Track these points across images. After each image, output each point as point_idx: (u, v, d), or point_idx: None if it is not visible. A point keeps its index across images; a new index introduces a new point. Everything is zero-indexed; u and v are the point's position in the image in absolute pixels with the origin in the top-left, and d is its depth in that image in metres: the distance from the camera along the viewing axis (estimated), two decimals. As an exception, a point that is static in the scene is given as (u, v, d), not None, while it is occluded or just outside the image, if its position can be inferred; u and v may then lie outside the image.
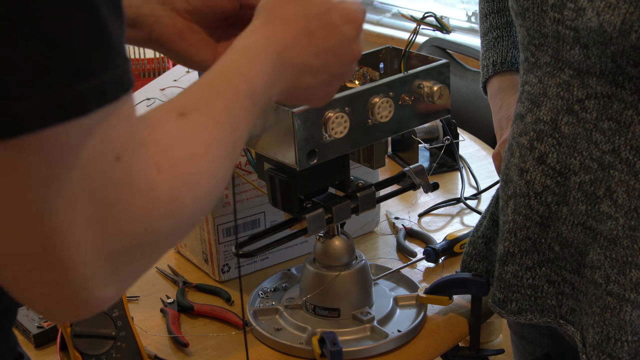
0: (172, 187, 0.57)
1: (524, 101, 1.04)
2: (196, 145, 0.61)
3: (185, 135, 0.60)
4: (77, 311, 0.56)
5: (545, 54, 0.99)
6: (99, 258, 0.53)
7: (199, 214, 0.61)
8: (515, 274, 1.07)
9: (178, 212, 0.58)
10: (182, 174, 0.58)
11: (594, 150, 0.96)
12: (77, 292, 0.53)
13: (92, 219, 0.52)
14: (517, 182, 1.04)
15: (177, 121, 0.61)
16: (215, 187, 0.62)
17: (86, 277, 0.53)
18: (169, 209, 0.57)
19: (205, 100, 0.64)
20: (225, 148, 0.63)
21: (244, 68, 0.68)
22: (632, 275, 0.96)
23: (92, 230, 0.52)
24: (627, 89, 0.92)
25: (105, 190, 0.52)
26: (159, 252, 0.60)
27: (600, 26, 0.88)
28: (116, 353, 1.01)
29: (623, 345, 0.97)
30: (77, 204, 0.51)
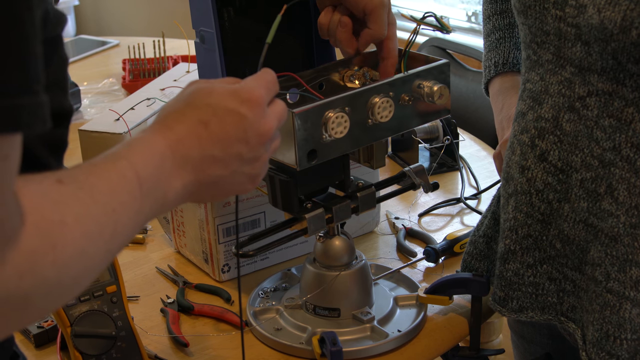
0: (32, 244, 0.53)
1: (526, 99, 1.04)
2: (67, 213, 0.57)
3: (58, 200, 0.57)
4: None
5: (547, 52, 0.99)
6: None
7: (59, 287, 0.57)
8: (516, 272, 1.07)
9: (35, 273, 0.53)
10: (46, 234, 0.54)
11: (595, 148, 0.96)
12: None
13: None
14: (519, 180, 1.04)
15: (53, 185, 0.57)
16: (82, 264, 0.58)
17: None
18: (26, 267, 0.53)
19: (86, 176, 0.61)
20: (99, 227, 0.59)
21: (133, 157, 0.66)
22: (633, 273, 0.96)
23: None
24: (628, 86, 0.92)
25: None
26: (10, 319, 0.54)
27: (601, 23, 0.88)
28: (116, 353, 1.01)
29: (622, 343, 0.97)
30: None
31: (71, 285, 0.58)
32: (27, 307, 0.55)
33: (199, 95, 0.73)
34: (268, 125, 0.75)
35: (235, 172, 0.74)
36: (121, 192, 0.63)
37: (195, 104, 0.72)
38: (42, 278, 0.54)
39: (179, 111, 0.72)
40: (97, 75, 2.18)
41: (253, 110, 0.74)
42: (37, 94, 0.50)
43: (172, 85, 1.80)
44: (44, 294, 0.55)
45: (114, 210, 0.61)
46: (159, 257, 1.35)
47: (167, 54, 2.16)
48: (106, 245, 0.61)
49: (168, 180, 0.68)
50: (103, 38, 2.55)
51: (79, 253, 0.57)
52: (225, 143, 0.72)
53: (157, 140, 0.69)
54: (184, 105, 0.73)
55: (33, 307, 0.56)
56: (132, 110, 1.64)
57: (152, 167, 0.66)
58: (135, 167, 0.64)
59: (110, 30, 3.26)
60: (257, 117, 0.74)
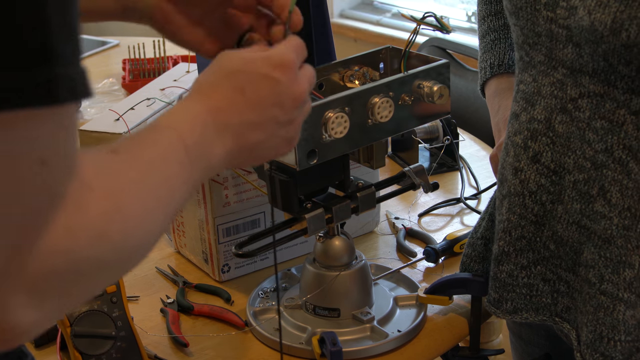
0: (100, 209, 0.54)
1: (519, 100, 1.04)
2: (126, 180, 0.58)
3: (116, 169, 0.58)
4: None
5: (539, 53, 0.99)
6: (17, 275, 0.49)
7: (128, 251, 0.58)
8: (510, 273, 1.07)
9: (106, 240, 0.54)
10: (111, 200, 0.55)
11: (587, 150, 0.96)
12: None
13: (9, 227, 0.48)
14: (512, 182, 1.04)
15: (109, 155, 0.59)
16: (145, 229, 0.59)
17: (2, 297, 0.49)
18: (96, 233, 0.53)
19: (138, 147, 0.63)
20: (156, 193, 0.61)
21: (178, 126, 0.67)
22: (626, 275, 0.96)
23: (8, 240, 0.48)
24: (619, 88, 0.92)
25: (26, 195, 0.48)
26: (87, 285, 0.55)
27: (591, 25, 0.88)
28: (116, 353, 1.01)
29: (616, 344, 0.97)
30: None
31: (137, 249, 0.60)
32: (101, 272, 0.56)
33: (232, 64, 0.75)
34: (301, 88, 0.77)
35: (273, 135, 0.76)
36: (172, 160, 0.65)
37: (229, 72, 0.74)
38: (112, 242, 0.55)
39: (214, 81, 0.74)
40: (97, 75, 2.18)
41: (286, 74, 0.75)
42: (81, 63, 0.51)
43: (172, 85, 1.80)
44: (116, 258, 0.57)
45: (167, 178, 0.63)
46: (158, 257, 1.35)
47: (167, 54, 2.16)
48: (164, 211, 0.63)
49: (211, 147, 0.70)
50: (103, 38, 2.55)
51: (141, 217, 0.59)
52: (262, 108, 0.74)
53: (197, 108, 0.70)
54: (218, 75, 0.74)
55: (106, 271, 0.57)
56: (132, 110, 1.64)
57: (197, 135, 0.68)
58: (181, 136, 0.66)
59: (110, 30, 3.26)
60: (290, 81, 0.76)
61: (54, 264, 0.51)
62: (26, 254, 0.49)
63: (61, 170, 0.50)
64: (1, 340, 0.51)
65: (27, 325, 0.51)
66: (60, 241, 0.51)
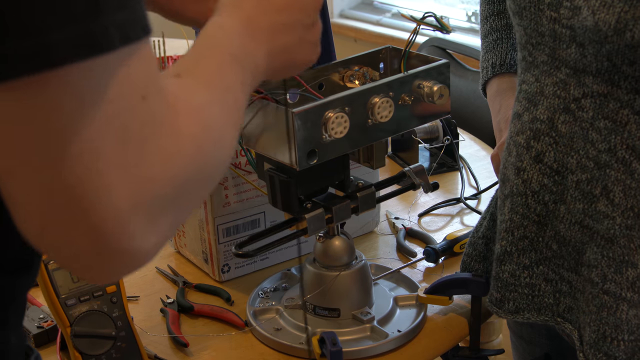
0: (192, 131, 0.58)
1: (521, 100, 1.04)
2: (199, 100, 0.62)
3: (187, 91, 0.62)
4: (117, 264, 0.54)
5: (542, 53, 0.99)
6: (134, 201, 0.52)
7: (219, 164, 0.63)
8: (512, 273, 1.07)
9: (201, 156, 0.59)
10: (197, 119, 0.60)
11: (590, 149, 0.96)
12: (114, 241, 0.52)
13: (124, 159, 0.51)
14: (514, 181, 1.04)
15: (175, 79, 0.63)
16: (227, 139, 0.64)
17: (122, 222, 0.52)
18: (194, 151, 0.57)
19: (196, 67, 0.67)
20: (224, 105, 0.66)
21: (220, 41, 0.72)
22: (629, 274, 0.96)
23: (124, 170, 0.51)
24: (623, 88, 0.92)
25: (133, 129, 0.52)
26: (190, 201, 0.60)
27: (595, 25, 0.88)
28: (116, 353, 1.01)
29: (619, 344, 0.97)
30: (106, 144, 0.51)
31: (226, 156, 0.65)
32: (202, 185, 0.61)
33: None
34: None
35: (301, 39, 0.81)
36: (228, 71, 0.69)
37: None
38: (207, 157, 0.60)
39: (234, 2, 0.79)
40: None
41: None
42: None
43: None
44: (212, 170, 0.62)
45: (228, 88, 0.68)
46: (159, 257, 1.35)
47: (167, 54, 2.16)
48: (233, 119, 0.67)
49: (253, 51, 0.75)
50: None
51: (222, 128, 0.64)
52: (288, 11, 0.80)
53: (231, 21, 0.75)
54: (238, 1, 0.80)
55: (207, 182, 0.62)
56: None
57: (238, 45, 0.73)
58: (227, 50, 0.71)
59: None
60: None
61: (162, 187, 0.54)
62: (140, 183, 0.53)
63: (158, 102, 0.55)
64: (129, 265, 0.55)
65: (149, 247, 0.55)
66: (165, 166, 0.54)
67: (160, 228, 0.56)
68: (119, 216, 0.52)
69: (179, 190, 0.56)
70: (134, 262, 0.55)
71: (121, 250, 0.53)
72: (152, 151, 0.53)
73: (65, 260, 0.54)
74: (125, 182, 0.52)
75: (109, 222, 0.51)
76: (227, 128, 0.65)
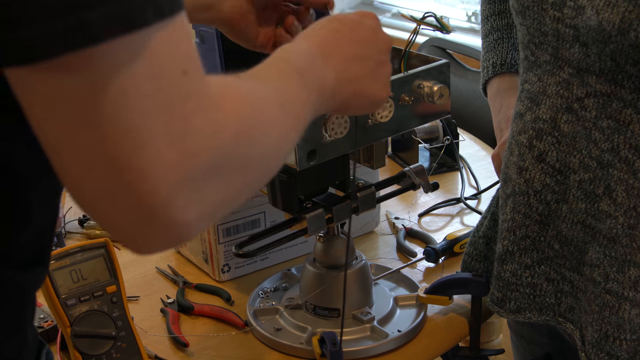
0: (237, 110, 0.59)
1: (524, 100, 1.04)
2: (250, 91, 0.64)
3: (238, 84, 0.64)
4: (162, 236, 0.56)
5: (545, 53, 0.99)
6: (179, 174, 0.54)
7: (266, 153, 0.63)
8: (514, 273, 1.07)
9: (247, 135, 0.60)
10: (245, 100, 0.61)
11: (593, 149, 0.96)
12: (160, 212, 0.54)
13: (169, 133, 0.53)
14: (516, 181, 1.04)
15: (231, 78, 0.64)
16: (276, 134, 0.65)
17: (168, 195, 0.54)
18: (238, 128, 0.58)
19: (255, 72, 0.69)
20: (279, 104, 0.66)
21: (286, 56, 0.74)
22: (631, 274, 0.96)
23: (169, 144, 0.53)
24: (626, 87, 0.92)
25: (177, 103, 0.54)
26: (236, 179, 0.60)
27: (599, 24, 0.88)
28: (116, 353, 1.01)
29: (622, 343, 0.97)
30: (151, 119, 0.52)
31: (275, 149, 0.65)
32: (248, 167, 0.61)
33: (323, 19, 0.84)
34: (388, 36, 0.86)
35: (373, 72, 0.83)
36: (288, 81, 0.71)
37: (323, 22, 0.83)
38: (251, 137, 0.60)
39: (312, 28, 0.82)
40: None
41: (375, 20, 0.86)
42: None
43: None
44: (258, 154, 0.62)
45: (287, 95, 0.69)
46: (159, 257, 1.35)
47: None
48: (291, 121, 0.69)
49: (321, 71, 0.76)
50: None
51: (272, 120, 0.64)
52: (362, 43, 0.82)
53: (304, 44, 0.78)
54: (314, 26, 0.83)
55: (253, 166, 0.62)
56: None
57: (305, 62, 0.75)
58: (292, 64, 0.73)
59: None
60: (379, 27, 0.86)
61: (206, 161, 0.56)
62: (184, 156, 0.54)
63: (199, 77, 0.56)
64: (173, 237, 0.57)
65: (193, 221, 0.56)
66: (209, 139, 0.56)
67: (206, 201, 0.57)
68: (165, 188, 0.53)
69: (224, 163, 0.57)
70: (180, 235, 0.56)
71: (167, 222, 0.55)
72: (196, 125, 0.55)
73: (114, 230, 0.56)
74: (170, 154, 0.53)
75: (155, 194, 0.53)
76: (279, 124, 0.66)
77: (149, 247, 0.58)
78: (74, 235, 1.42)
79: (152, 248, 0.58)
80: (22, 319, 0.68)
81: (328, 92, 0.77)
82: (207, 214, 0.58)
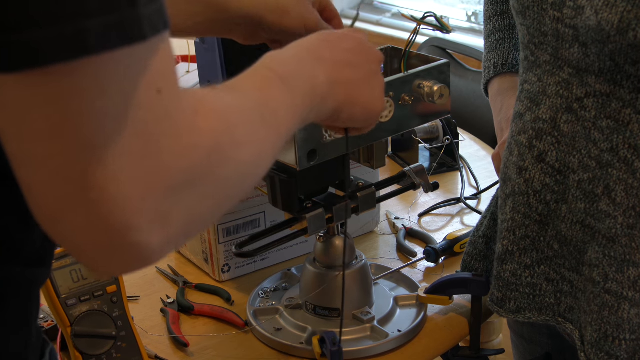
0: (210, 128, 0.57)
1: (523, 100, 1.04)
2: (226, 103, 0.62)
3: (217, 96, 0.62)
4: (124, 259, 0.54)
5: (545, 53, 0.99)
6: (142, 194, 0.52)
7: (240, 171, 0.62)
8: (514, 273, 1.07)
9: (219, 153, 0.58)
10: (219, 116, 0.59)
11: (592, 149, 0.96)
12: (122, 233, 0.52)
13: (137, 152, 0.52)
14: (516, 181, 1.04)
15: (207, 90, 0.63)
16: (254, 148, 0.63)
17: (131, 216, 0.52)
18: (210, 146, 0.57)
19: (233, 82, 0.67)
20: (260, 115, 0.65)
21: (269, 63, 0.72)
22: (630, 274, 0.96)
23: (135, 163, 0.52)
24: (626, 87, 0.92)
25: (150, 123, 0.52)
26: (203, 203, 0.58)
27: (598, 24, 0.88)
28: (116, 353, 1.01)
29: (621, 343, 0.97)
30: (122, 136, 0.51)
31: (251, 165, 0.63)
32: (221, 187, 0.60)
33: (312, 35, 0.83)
34: (379, 52, 0.86)
35: (366, 78, 0.82)
36: (268, 88, 0.69)
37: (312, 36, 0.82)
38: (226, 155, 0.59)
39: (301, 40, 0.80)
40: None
41: (363, 35, 0.85)
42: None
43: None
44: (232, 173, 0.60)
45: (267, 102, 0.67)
46: (159, 257, 1.35)
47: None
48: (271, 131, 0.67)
49: (311, 73, 0.75)
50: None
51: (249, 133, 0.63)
52: (353, 51, 0.82)
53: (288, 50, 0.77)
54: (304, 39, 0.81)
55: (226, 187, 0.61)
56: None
57: (292, 65, 0.74)
58: (276, 72, 0.71)
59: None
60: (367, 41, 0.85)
61: (175, 181, 0.54)
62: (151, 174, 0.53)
63: (174, 96, 0.55)
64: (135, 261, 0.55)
65: (156, 244, 0.54)
66: (179, 160, 0.54)
67: (173, 224, 0.55)
68: (127, 207, 0.52)
69: (191, 185, 0.56)
70: (141, 258, 0.54)
71: (129, 244, 0.53)
72: (167, 145, 0.53)
73: (75, 251, 0.54)
74: (136, 173, 0.52)
75: (117, 213, 0.51)
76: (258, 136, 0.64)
77: (109, 270, 0.57)
78: (74, 235, 1.42)
79: (113, 270, 0.58)
80: (28, 313, 0.68)
81: (319, 93, 0.76)
82: (174, 236, 0.56)
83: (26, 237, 0.64)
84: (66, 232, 0.53)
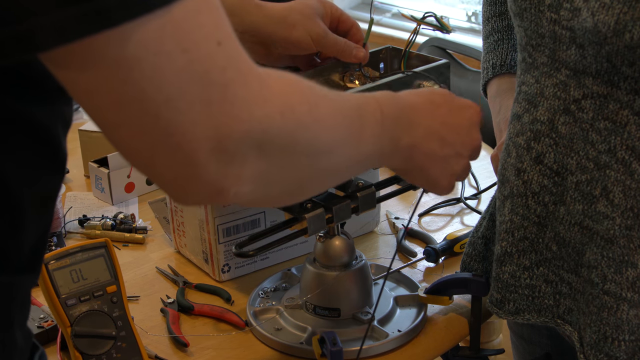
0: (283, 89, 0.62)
1: (521, 101, 1.04)
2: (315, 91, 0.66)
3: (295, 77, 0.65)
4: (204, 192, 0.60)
5: (542, 54, 0.99)
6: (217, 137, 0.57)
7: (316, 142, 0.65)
8: (512, 274, 1.07)
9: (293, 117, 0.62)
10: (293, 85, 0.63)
11: (590, 150, 0.96)
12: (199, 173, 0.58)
13: (206, 100, 0.56)
14: (514, 182, 1.04)
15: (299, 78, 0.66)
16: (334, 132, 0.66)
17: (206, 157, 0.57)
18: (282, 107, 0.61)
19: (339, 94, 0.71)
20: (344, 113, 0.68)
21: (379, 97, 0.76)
22: (629, 274, 0.96)
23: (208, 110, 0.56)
24: (623, 88, 0.92)
25: (214, 72, 0.57)
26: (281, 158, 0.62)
27: (594, 26, 0.88)
28: (116, 353, 1.01)
29: (620, 344, 0.97)
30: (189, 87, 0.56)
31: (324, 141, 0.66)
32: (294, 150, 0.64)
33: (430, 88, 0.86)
34: (479, 138, 0.88)
35: (446, 157, 0.84)
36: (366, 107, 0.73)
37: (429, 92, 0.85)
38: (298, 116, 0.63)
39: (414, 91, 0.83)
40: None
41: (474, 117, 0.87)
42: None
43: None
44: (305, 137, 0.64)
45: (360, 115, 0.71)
46: (159, 257, 1.35)
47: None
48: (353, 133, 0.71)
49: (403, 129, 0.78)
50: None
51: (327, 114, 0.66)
52: (448, 128, 0.83)
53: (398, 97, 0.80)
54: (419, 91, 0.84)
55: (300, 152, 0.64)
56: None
57: (394, 109, 0.77)
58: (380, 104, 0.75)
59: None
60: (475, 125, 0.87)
61: (247, 129, 0.59)
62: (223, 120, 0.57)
63: (235, 48, 0.59)
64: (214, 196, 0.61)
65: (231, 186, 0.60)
66: (251, 108, 0.59)
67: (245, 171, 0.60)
68: (203, 151, 0.57)
69: (265, 138, 0.60)
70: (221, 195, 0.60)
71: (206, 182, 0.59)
72: (237, 93, 0.58)
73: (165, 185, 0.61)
74: (209, 120, 0.57)
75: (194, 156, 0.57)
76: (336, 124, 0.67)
77: (193, 200, 0.63)
78: (74, 235, 1.42)
79: (196, 201, 0.63)
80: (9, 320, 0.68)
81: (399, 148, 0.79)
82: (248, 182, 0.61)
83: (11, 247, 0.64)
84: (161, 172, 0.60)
